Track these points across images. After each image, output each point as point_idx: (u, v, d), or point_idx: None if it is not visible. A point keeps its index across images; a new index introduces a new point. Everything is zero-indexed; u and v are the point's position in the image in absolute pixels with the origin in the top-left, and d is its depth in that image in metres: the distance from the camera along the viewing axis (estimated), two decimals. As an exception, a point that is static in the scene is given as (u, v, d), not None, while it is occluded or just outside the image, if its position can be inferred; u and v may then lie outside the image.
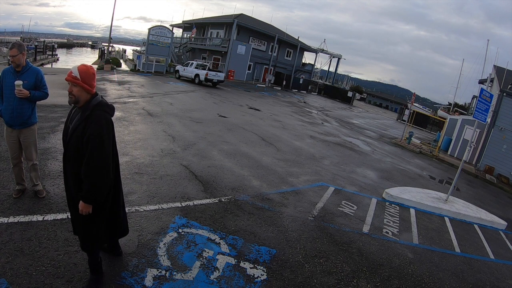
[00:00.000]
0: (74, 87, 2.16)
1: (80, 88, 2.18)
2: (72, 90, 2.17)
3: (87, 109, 2.20)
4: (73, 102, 2.22)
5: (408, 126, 17.42)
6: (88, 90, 2.21)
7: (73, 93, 2.17)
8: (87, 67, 2.23)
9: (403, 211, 5.97)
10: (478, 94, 7.43)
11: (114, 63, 21.80)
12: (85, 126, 2.15)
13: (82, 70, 2.19)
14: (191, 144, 6.90)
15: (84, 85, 2.18)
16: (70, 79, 2.15)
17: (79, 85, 2.16)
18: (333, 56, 45.74)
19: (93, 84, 2.24)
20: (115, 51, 41.04)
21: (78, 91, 2.18)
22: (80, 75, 2.16)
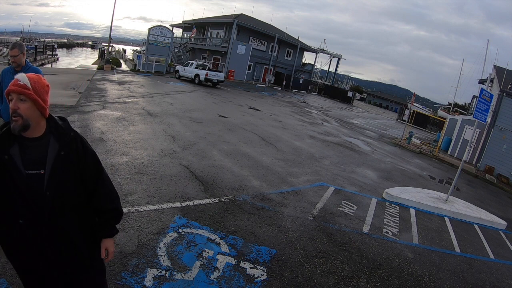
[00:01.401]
0: (21, 103, 1.37)
1: (31, 105, 1.39)
2: (18, 107, 1.36)
3: (57, 132, 1.49)
4: (20, 128, 1.36)
5: (408, 126, 17.42)
6: (42, 109, 1.44)
7: (20, 111, 1.36)
8: (39, 77, 1.49)
9: (403, 211, 5.97)
10: (478, 94, 7.43)
11: (114, 63, 21.81)
12: (72, 151, 1.51)
13: (33, 79, 1.44)
14: (191, 144, 6.90)
15: (38, 99, 1.41)
16: (16, 89, 1.37)
17: (30, 98, 1.39)
18: (333, 56, 45.75)
19: (47, 101, 1.49)
20: (115, 51, 41.07)
21: (28, 109, 1.38)
22: (32, 85, 1.41)
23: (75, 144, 1.54)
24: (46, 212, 1.43)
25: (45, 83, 1.50)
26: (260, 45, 32.77)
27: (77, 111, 8.04)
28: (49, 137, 1.47)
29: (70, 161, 1.50)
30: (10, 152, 1.36)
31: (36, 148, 1.42)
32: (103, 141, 5.95)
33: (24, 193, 1.38)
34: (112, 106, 9.23)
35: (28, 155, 1.40)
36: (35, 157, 1.41)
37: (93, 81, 14.23)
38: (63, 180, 1.48)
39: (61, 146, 1.47)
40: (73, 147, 1.52)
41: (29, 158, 1.40)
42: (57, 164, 1.45)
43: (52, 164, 1.43)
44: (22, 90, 1.38)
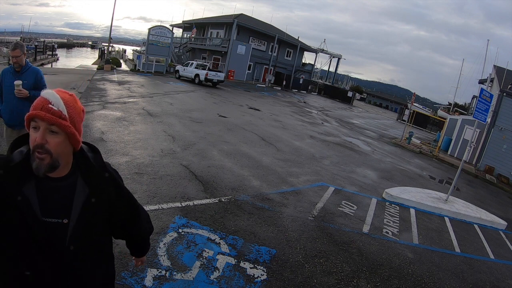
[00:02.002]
0: (52, 136, 0.99)
1: (64, 139, 1.03)
2: (47, 141, 0.99)
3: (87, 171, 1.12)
4: (47, 169, 1.00)
5: (408, 126, 17.42)
6: (76, 143, 1.08)
7: (49, 147, 0.99)
8: (74, 98, 1.11)
9: (403, 211, 5.97)
10: (478, 94, 7.43)
11: (114, 63, 21.81)
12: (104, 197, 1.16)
13: (69, 102, 1.06)
14: (191, 144, 6.90)
15: (75, 133, 1.06)
16: (49, 117, 0.98)
17: (66, 131, 1.02)
18: (333, 56, 45.75)
19: (82, 131, 1.13)
20: (115, 51, 41.08)
21: (60, 145, 1.01)
22: (68, 112, 1.04)
23: (110, 187, 1.18)
24: (64, 267, 1.08)
25: (81, 107, 1.14)
26: (260, 45, 32.78)
27: (77, 111, 8.03)
28: (76, 176, 1.09)
29: (101, 209, 1.16)
30: (25, 191, 0.98)
31: (58, 190, 1.05)
32: (103, 141, 5.95)
33: (38, 243, 1.02)
34: (112, 106, 9.23)
35: (47, 198, 1.03)
36: (57, 202, 1.05)
37: (93, 81, 14.23)
38: (92, 233, 1.14)
39: (92, 191, 1.11)
40: (106, 191, 1.17)
41: (49, 203, 1.03)
42: (86, 213, 1.09)
43: (80, 214, 1.07)
44: (56, 120, 0.99)
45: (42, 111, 0.98)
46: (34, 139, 0.99)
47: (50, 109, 0.99)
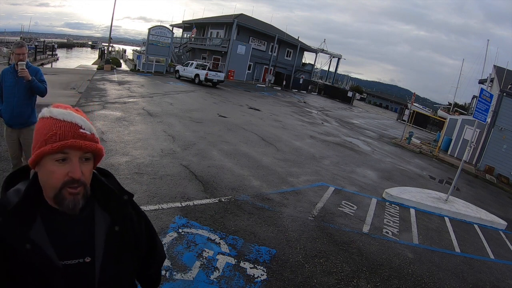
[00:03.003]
0: (85, 165, 0.86)
1: (92, 165, 0.90)
2: (83, 173, 0.85)
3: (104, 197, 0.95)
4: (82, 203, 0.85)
5: (408, 126, 17.42)
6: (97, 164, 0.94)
7: (84, 179, 0.85)
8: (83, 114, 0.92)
9: (403, 211, 5.97)
10: (478, 94, 7.43)
11: (114, 63, 21.81)
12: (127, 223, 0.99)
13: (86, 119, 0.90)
14: (191, 144, 6.90)
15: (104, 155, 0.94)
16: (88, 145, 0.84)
17: (99, 155, 0.91)
18: (333, 56, 45.75)
19: None
20: (115, 51, 41.07)
21: (90, 172, 0.89)
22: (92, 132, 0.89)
23: (131, 210, 1.02)
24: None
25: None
26: (260, 45, 32.78)
27: (77, 111, 8.03)
28: (92, 204, 0.92)
29: (128, 238, 0.97)
30: (33, 237, 0.80)
31: (74, 224, 0.86)
32: (103, 141, 5.95)
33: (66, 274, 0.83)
34: (112, 106, 9.23)
35: (62, 237, 0.84)
36: (75, 239, 0.86)
37: (93, 81, 14.23)
38: (121, 269, 0.95)
39: (113, 218, 0.94)
40: (129, 216, 1.00)
41: (66, 242, 0.84)
42: (111, 245, 0.91)
43: (105, 247, 0.90)
44: (95, 146, 0.86)
45: (79, 140, 0.81)
46: (64, 174, 0.80)
47: (84, 134, 0.83)
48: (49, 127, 0.81)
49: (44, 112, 0.85)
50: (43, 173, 0.82)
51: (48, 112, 0.84)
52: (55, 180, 0.80)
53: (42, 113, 0.85)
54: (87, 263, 0.87)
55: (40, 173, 0.83)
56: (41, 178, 0.83)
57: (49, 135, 0.80)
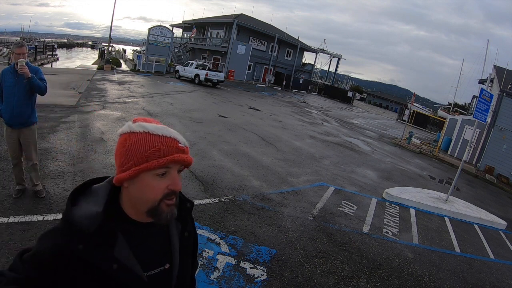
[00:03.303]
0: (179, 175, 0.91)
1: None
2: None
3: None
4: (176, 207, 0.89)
5: (408, 126, 17.42)
6: None
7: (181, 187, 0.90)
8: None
9: (403, 211, 5.97)
10: (478, 94, 7.43)
11: (114, 63, 21.81)
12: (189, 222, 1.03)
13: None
14: (191, 144, 6.90)
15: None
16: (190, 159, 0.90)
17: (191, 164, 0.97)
18: (333, 56, 45.75)
19: None
20: (115, 51, 41.07)
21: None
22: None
23: (191, 217, 1.05)
24: None
25: None
26: (260, 45, 32.78)
27: (77, 111, 8.04)
28: None
29: (192, 243, 1.02)
30: (117, 256, 0.78)
31: (153, 234, 0.88)
32: (103, 141, 5.95)
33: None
34: (112, 106, 9.23)
35: (144, 249, 0.85)
36: (155, 248, 0.88)
37: (93, 81, 14.23)
38: (187, 271, 1.00)
39: (183, 225, 0.98)
40: (191, 222, 1.03)
41: (147, 253, 0.85)
42: (184, 250, 0.96)
43: (180, 253, 0.94)
44: (192, 159, 0.90)
45: (181, 154, 0.83)
46: (164, 188, 0.81)
47: (183, 148, 0.85)
48: (150, 142, 0.77)
49: (132, 127, 0.79)
50: (139, 188, 0.79)
51: (139, 127, 0.79)
52: (154, 194, 0.79)
53: (130, 127, 0.79)
54: (166, 270, 0.89)
55: (133, 188, 0.79)
56: (133, 193, 0.80)
57: (151, 151, 0.77)
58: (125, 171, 0.78)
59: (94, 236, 0.75)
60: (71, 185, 4.07)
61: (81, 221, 0.75)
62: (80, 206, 0.78)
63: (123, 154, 0.78)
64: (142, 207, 0.81)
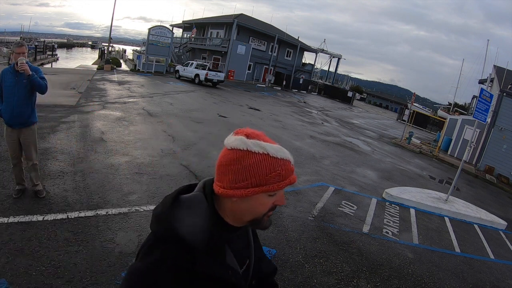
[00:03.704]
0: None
1: None
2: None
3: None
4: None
5: (408, 126, 17.42)
6: None
7: None
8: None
9: (403, 211, 5.97)
10: (478, 94, 7.43)
11: (114, 63, 21.81)
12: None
13: None
14: (191, 144, 6.90)
15: None
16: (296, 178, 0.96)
17: None
18: (333, 56, 45.75)
19: None
20: (115, 51, 41.06)
21: None
22: None
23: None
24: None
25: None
26: (260, 45, 32.78)
27: (77, 111, 8.04)
28: None
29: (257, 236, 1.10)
30: (228, 262, 0.84)
31: (240, 235, 0.94)
32: (103, 141, 5.95)
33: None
34: (112, 106, 9.23)
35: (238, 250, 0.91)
36: (243, 248, 0.95)
37: (93, 81, 14.23)
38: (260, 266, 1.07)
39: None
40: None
41: (240, 254, 0.92)
42: (255, 243, 1.03)
43: (254, 246, 1.01)
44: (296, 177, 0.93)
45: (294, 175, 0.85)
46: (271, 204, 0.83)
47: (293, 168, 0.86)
48: (271, 166, 0.77)
49: (249, 145, 0.77)
50: (249, 205, 0.80)
51: (258, 147, 0.77)
52: (263, 209, 0.82)
53: (247, 145, 0.77)
54: (248, 265, 0.95)
55: (242, 204, 0.80)
56: (241, 208, 0.81)
57: (272, 175, 0.77)
58: (238, 189, 0.77)
59: (208, 249, 0.78)
60: (71, 185, 4.07)
61: (193, 237, 0.75)
62: (184, 220, 0.77)
63: (238, 171, 0.77)
64: (246, 218, 0.83)
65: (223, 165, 0.80)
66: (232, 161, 0.78)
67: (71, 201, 3.69)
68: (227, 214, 0.83)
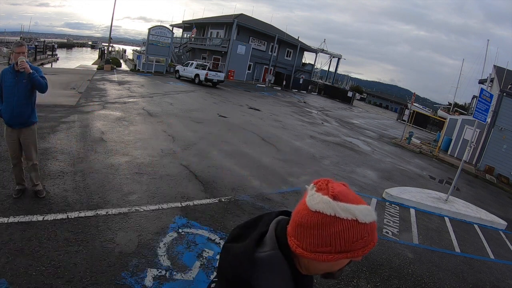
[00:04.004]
0: None
1: None
2: None
3: None
4: None
5: (408, 126, 17.42)
6: None
7: None
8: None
9: (403, 211, 5.97)
10: (478, 94, 7.43)
11: (114, 63, 21.81)
12: None
13: None
14: (191, 144, 6.90)
15: None
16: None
17: None
18: (333, 56, 45.74)
19: None
20: (115, 51, 41.06)
21: None
22: None
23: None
24: None
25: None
26: (260, 45, 32.77)
27: (77, 111, 8.04)
28: None
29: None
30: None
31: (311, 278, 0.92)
32: (103, 141, 5.95)
33: None
34: (112, 106, 9.23)
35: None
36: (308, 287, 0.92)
37: (93, 81, 14.23)
38: None
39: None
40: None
41: None
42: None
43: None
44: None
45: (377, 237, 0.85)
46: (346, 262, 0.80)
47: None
48: (358, 233, 0.73)
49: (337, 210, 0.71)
50: (327, 265, 0.77)
51: (347, 212, 0.71)
52: (339, 267, 0.79)
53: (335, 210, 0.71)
54: None
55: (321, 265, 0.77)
56: (319, 267, 0.79)
57: (359, 242, 0.73)
58: (319, 253, 0.72)
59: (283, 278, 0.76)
60: (71, 185, 4.07)
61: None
62: (268, 279, 0.75)
63: (321, 237, 0.71)
64: (320, 273, 0.81)
65: (304, 227, 0.73)
66: (315, 225, 0.71)
67: (71, 201, 3.69)
68: (302, 266, 0.81)
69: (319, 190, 0.74)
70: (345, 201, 0.72)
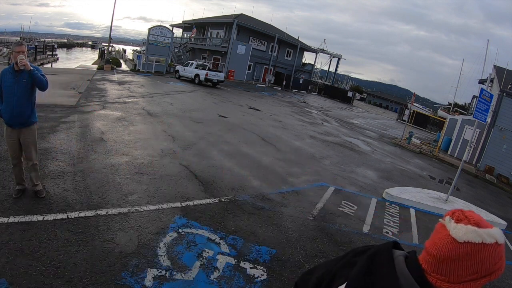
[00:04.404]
0: None
1: None
2: None
3: None
4: None
5: (408, 126, 17.42)
6: None
7: None
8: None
9: (403, 211, 5.97)
10: (478, 94, 7.43)
11: (114, 63, 21.81)
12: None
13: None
14: (191, 144, 6.90)
15: None
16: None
17: None
18: (333, 56, 45.74)
19: None
20: (115, 51, 41.06)
21: None
22: None
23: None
24: None
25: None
26: (260, 45, 32.77)
27: (77, 111, 8.04)
28: None
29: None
30: None
31: None
32: (103, 141, 5.95)
33: None
34: (112, 106, 9.23)
35: None
36: None
37: (93, 81, 14.23)
38: None
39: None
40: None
41: None
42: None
43: None
44: None
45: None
46: None
47: None
48: (498, 254, 0.74)
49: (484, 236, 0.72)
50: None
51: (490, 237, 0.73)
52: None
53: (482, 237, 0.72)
54: None
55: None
56: None
57: (499, 263, 0.75)
58: (466, 282, 0.73)
59: None
60: (71, 185, 4.07)
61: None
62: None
63: (470, 266, 0.72)
64: None
65: (451, 259, 0.73)
66: (465, 255, 0.72)
67: (71, 201, 3.69)
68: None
69: (459, 221, 0.75)
70: (486, 226, 0.74)
